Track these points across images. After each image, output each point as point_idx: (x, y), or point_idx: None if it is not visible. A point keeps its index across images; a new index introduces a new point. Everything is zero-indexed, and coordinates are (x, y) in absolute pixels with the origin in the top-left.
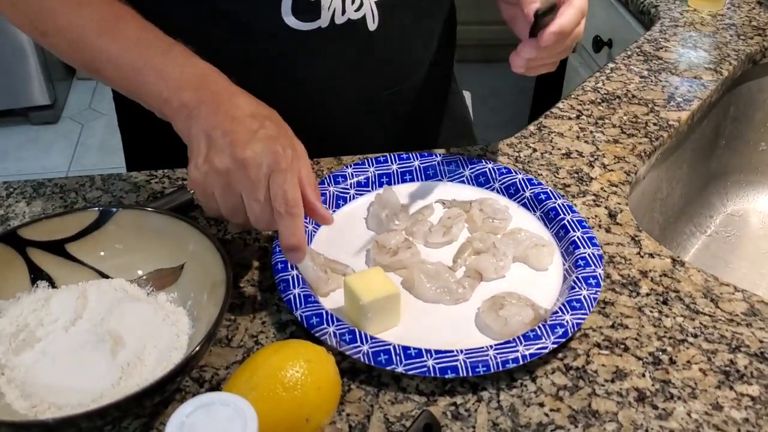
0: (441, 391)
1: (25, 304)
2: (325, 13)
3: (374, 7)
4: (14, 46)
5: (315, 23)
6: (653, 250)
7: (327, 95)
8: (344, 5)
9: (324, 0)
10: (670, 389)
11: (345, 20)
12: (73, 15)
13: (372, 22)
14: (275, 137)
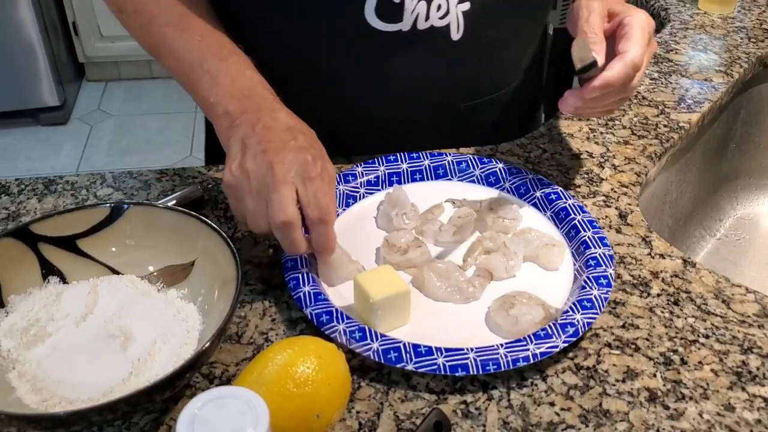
0: (451, 390)
1: (37, 299)
2: (408, 17)
3: (461, 16)
4: (24, 48)
5: (396, 26)
6: (664, 251)
7: (401, 100)
8: (429, 11)
9: (408, 3)
10: (682, 389)
11: (428, 26)
12: (150, 0)
13: (456, 31)
14: (306, 148)
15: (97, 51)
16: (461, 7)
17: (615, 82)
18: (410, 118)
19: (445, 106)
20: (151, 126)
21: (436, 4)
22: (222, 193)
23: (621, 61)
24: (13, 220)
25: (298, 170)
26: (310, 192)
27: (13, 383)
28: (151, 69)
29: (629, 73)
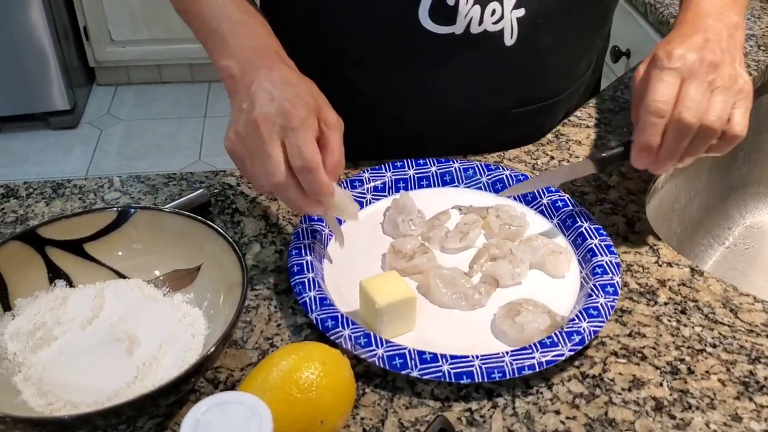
0: (456, 397)
1: (43, 302)
2: (461, 20)
3: (515, 22)
4: (36, 53)
5: (449, 29)
6: (671, 259)
7: (451, 103)
8: (482, 15)
9: (462, 6)
10: (689, 399)
11: (481, 31)
12: None
13: (510, 37)
14: (291, 99)
15: (107, 55)
16: (516, 12)
17: (647, 144)
18: (459, 122)
19: (495, 112)
20: (161, 131)
21: (490, 9)
22: (229, 198)
23: (639, 122)
24: (21, 223)
25: (281, 123)
26: (293, 143)
27: (18, 386)
28: (160, 74)
29: (654, 124)
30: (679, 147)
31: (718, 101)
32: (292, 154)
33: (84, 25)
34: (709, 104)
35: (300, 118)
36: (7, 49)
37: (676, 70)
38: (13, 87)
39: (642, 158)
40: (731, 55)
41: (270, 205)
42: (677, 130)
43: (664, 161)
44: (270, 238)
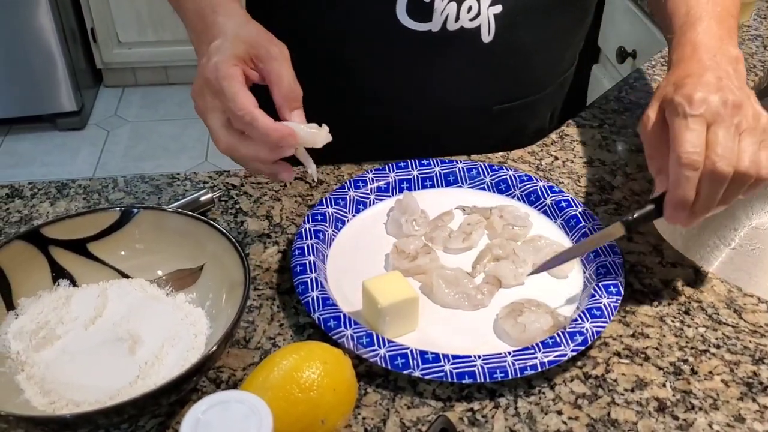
0: (458, 397)
1: (46, 302)
2: (437, 17)
3: (492, 18)
4: (43, 54)
5: (426, 25)
6: (675, 260)
7: (432, 100)
8: (459, 12)
9: (437, 3)
10: (692, 400)
11: (458, 28)
12: None
13: (487, 34)
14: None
15: (114, 57)
16: (493, 9)
17: (681, 200)
18: (441, 119)
19: (476, 109)
20: (167, 132)
21: (466, 6)
22: (233, 198)
23: (670, 175)
24: (25, 223)
25: (208, 92)
26: (224, 106)
27: (21, 385)
28: (167, 75)
29: (687, 177)
30: (715, 197)
31: (747, 145)
32: (229, 115)
33: (91, 27)
34: (740, 149)
35: (221, 77)
36: (14, 51)
37: (701, 117)
38: (21, 89)
39: (678, 214)
40: (745, 91)
41: (274, 205)
42: (712, 180)
43: (700, 213)
44: (273, 238)
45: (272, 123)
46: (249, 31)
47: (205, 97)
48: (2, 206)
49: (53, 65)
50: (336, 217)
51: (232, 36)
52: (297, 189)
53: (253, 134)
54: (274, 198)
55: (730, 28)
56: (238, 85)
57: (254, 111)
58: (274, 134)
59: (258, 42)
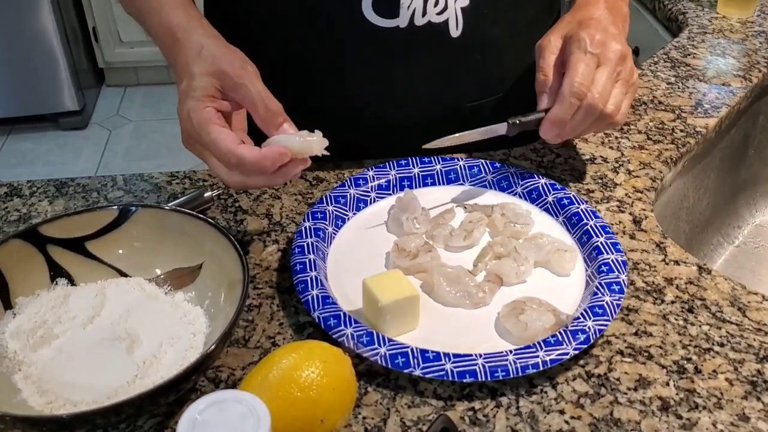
0: (459, 396)
1: (44, 301)
2: (404, 12)
3: (459, 12)
4: (45, 54)
5: (393, 21)
6: (679, 258)
7: (404, 99)
8: (425, 6)
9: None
10: (695, 399)
11: (425, 22)
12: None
13: (455, 28)
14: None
15: (116, 56)
16: (459, 3)
17: (561, 119)
18: (414, 118)
19: (449, 106)
20: (169, 131)
21: (433, 0)
22: (232, 196)
23: (558, 97)
24: (24, 222)
25: (193, 141)
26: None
27: (18, 385)
28: (169, 74)
29: (572, 104)
30: (583, 126)
31: (618, 92)
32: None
33: (93, 27)
34: (611, 93)
35: (197, 125)
36: (16, 50)
37: (596, 56)
38: (23, 88)
39: (552, 130)
40: (628, 47)
41: (273, 203)
42: (586, 112)
43: (566, 135)
44: (273, 237)
45: (259, 153)
46: (210, 58)
47: (194, 146)
48: (1, 205)
49: (55, 65)
50: (336, 215)
51: (196, 72)
52: (297, 187)
53: (247, 170)
54: (273, 196)
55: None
56: (215, 130)
57: (237, 150)
58: (266, 163)
59: (222, 70)
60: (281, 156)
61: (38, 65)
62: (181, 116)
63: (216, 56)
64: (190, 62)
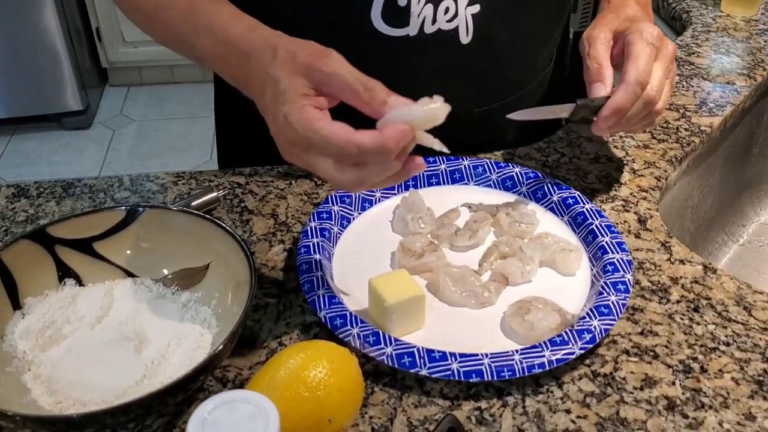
0: (465, 396)
1: (53, 301)
2: (414, 21)
3: (469, 19)
4: (49, 54)
5: (403, 30)
6: (684, 257)
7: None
8: (435, 14)
9: (414, 7)
10: (701, 398)
11: (435, 30)
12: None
13: (465, 35)
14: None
15: (119, 56)
16: (470, 9)
17: (623, 107)
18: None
19: (458, 112)
20: (173, 130)
21: (443, 7)
22: (238, 196)
23: (623, 84)
24: (31, 222)
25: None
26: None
27: (28, 385)
28: (173, 74)
29: (636, 92)
30: (636, 119)
31: (667, 90)
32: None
33: (96, 26)
34: (663, 90)
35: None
36: (20, 51)
37: (656, 48)
38: (27, 88)
39: (611, 118)
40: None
41: (279, 203)
42: (645, 103)
43: (622, 126)
44: (279, 237)
45: (381, 135)
46: (289, 57)
47: (299, 155)
48: (8, 206)
49: (59, 65)
50: (342, 215)
51: (280, 75)
52: (302, 187)
53: (370, 158)
54: (279, 196)
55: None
56: (324, 126)
57: (356, 138)
58: (389, 144)
59: (307, 65)
60: (403, 133)
61: (42, 65)
62: (276, 126)
63: (295, 53)
64: (268, 68)
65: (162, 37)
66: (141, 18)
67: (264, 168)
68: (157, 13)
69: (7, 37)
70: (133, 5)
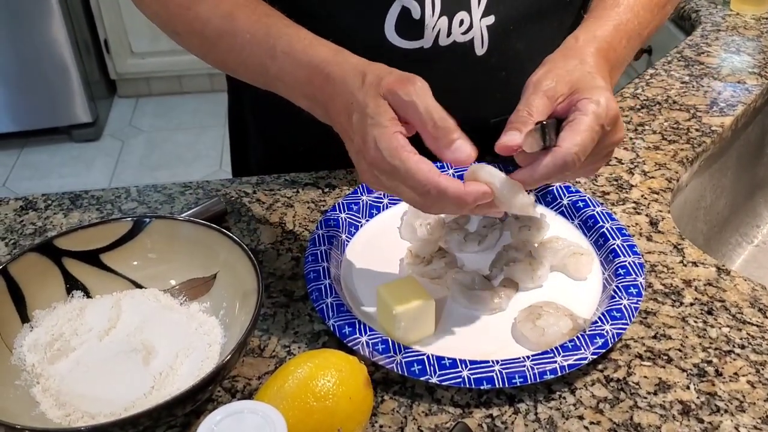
0: (477, 403)
1: (61, 313)
2: (429, 33)
3: (485, 30)
4: (58, 66)
5: (417, 43)
6: (697, 259)
7: None
8: (450, 27)
9: (428, 19)
10: (717, 402)
11: (450, 42)
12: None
13: (481, 46)
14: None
15: (128, 67)
16: (485, 20)
17: (537, 180)
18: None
19: (472, 123)
20: (182, 141)
21: (458, 19)
22: (245, 205)
23: (551, 158)
24: (39, 235)
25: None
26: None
27: (37, 398)
28: (181, 84)
29: (558, 171)
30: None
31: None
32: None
33: (104, 38)
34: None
35: (388, 156)
36: (29, 63)
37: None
38: (36, 101)
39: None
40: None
41: (286, 211)
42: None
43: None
44: (286, 245)
45: (462, 187)
46: (376, 81)
47: (380, 179)
48: (17, 219)
49: (68, 77)
50: (349, 222)
51: (369, 99)
52: (309, 195)
53: (447, 202)
54: (286, 204)
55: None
56: (412, 159)
57: (439, 182)
58: (467, 199)
59: (390, 89)
60: (484, 195)
61: (51, 78)
62: (363, 150)
63: (381, 77)
64: (355, 92)
65: (221, 61)
66: (199, 42)
67: (271, 176)
68: (223, 37)
69: (16, 50)
70: (192, 30)
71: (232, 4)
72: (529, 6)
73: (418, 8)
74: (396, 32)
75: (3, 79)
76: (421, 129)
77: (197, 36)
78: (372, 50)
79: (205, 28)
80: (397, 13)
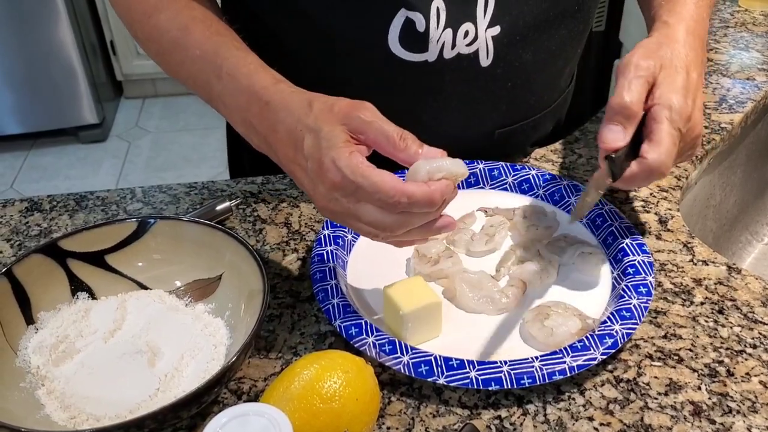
0: (485, 404)
1: (66, 315)
2: (433, 46)
3: (490, 41)
4: (64, 68)
5: (422, 56)
6: (707, 257)
7: (430, 128)
8: (455, 40)
9: (432, 32)
10: (728, 403)
11: (454, 54)
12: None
13: (486, 57)
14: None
15: (134, 69)
16: (491, 31)
17: (630, 185)
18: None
19: (478, 134)
20: (188, 142)
21: (462, 31)
22: (251, 206)
23: (639, 167)
24: (45, 236)
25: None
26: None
27: (42, 400)
28: None
29: (647, 177)
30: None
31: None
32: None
33: (111, 40)
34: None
35: (351, 174)
36: (36, 65)
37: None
38: (43, 103)
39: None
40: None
41: (292, 212)
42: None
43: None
44: (292, 246)
45: (426, 187)
46: (326, 108)
47: (339, 200)
48: (22, 220)
49: (74, 79)
50: None
51: (321, 125)
52: None
53: (416, 209)
54: (292, 205)
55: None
56: (374, 173)
57: (406, 188)
58: (435, 195)
59: (346, 114)
60: (448, 187)
61: (57, 80)
62: (320, 174)
63: (332, 104)
64: (303, 119)
65: (174, 72)
66: (156, 50)
67: (276, 177)
68: (176, 49)
69: (23, 52)
70: (150, 38)
71: (189, 18)
72: (537, 15)
73: (422, 19)
74: (400, 44)
75: (10, 82)
76: (387, 145)
77: (155, 44)
78: (377, 63)
79: (162, 38)
80: (401, 24)
